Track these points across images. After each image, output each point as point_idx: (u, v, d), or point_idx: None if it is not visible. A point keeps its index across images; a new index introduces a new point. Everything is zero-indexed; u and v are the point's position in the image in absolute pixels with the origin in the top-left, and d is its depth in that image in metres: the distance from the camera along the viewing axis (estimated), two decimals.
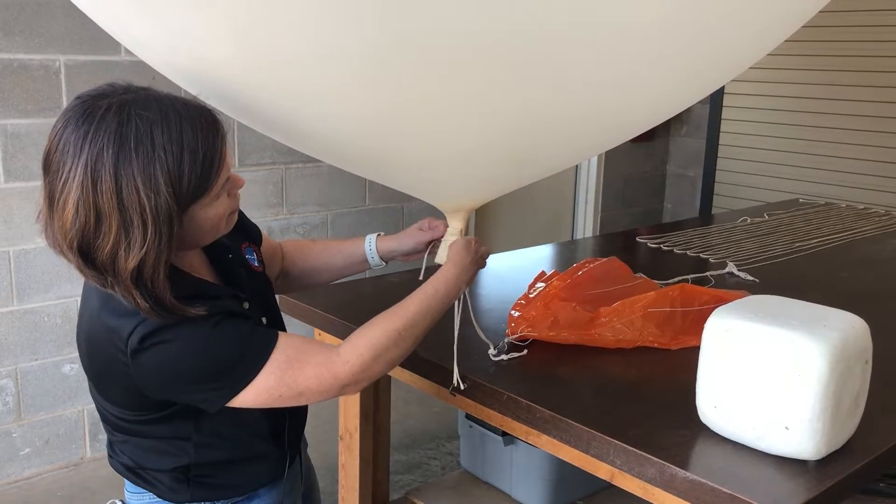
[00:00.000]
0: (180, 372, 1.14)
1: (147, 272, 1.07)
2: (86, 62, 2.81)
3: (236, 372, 1.16)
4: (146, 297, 1.08)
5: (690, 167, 5.03)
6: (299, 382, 1.19)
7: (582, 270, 1.83)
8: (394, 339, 1.26)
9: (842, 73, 4.21)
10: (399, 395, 2.13)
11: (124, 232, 1.05)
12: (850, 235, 2.87)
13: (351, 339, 1.25)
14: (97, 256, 1.07)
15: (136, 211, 1.05)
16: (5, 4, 2.63)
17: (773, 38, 1.37)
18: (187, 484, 1.26)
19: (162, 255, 1.08)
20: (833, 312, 1.31)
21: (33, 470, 2.92)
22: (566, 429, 1.37)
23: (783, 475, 1.23)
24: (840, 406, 1.24)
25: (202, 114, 1.12)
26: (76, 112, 1.07)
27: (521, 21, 0.98)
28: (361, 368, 1.23)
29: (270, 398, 1.19)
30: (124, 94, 1.09)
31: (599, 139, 1.46)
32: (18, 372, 2.85)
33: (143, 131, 1.05)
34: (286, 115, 1.26)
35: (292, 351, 1.19)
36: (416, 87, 1.10)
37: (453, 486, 2.19)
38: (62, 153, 1.06)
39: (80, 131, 1.05)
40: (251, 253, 1.39)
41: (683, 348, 1.67)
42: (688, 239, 2.73)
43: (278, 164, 3.38)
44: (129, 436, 1.25)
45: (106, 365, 1.18)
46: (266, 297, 1.39)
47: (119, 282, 1.08)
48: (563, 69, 1.10)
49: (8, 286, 2.79)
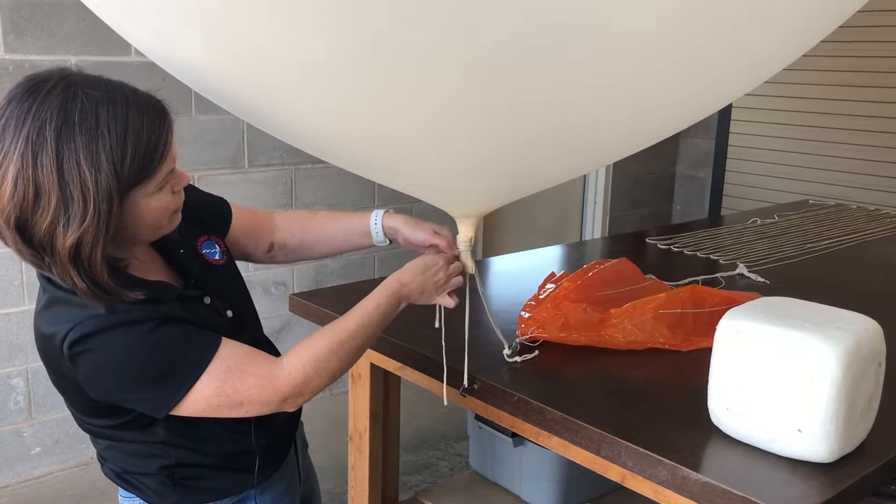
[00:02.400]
0: (114, 377, 1.12)
1: (84, 251, 1.05)
2: (97, 63, 2.82)
3: (174, 378, 1.14)
4: (83, 278, 1.06)
5: (700, 168, 5.02)
6: (239, 392, 1.16)
7: (592, 272, 1.83)
8: (336, 351, 1.24)
9: (852, 74, 4.19)
10: (408, 396, 2.12)
11: (63, 208, 1.03)
12: (862, 237, 2.85)
13: (294, 352, 1.23)
14: (35, 233, 1.05)
15: (77, 186, 1.03)
16: (17, 5, 2.64)
17: (769, 67, 1.34)
18: (173, 487, 1.25)
19: (100, 233, 1.05)
20: (846, 314, 1.30)
21: (44, 469, 2.93)
22: (577, 430, 1.36)
23: (795, 478, 1.22)
24: (853, 408, 1.23)
25: (150, 100, 1.11)
26: (21, 88, 1.06)
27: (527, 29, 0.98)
28: (304, 381, 1.21)
29: (209, 407, 1.16)
30: (73, 75, 1.08)
31: (609, 151, 1.46)
32: (29, 371, 2.86)
33: (88, 109, 1.04)
34: (291, 121, 1.26)
35: (233, 361, 1.17)
36: (416, 91, 1.09)
37: (462, 486, 2.19)
38: (4, 128, 1.04)
39: (24, 105, 1.03)
40: (211, 246, 1.35)
41: (695, 350, 1.66)
42: (698, 240, 2.72)
43: (287, 165, 3.39)
44: (111, 441, 1.24)
45: (57, 373, 1.18)
46: (231, 289, 1.35)
47: (56, 261, 1.06)
48: (569, 81, 1.09)
49: (19, 286, 2.80)
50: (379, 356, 1.76)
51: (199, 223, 1.34)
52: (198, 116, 3.06)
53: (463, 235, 1.47)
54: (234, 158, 3.23)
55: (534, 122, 1.18)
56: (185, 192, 1.23)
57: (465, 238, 1.47)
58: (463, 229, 1.47)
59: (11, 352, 2.81)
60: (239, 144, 3.24)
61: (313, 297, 1.95)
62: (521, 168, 1.37)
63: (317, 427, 1.47)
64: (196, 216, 1.31)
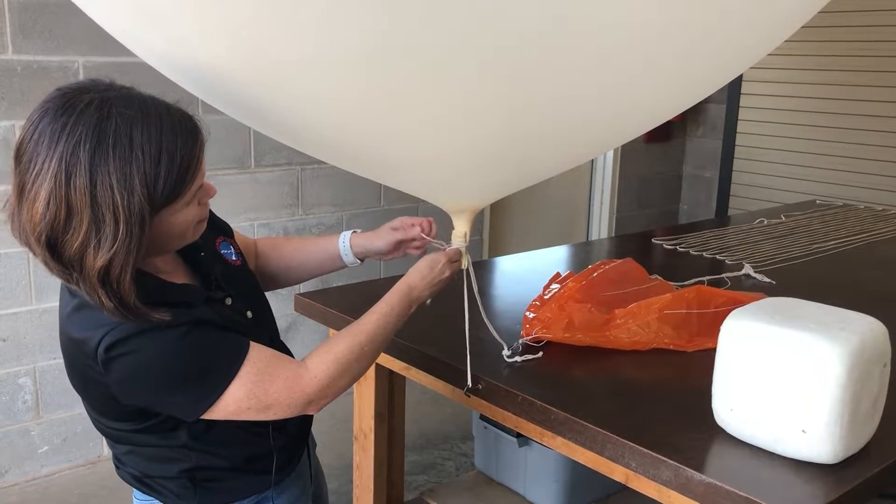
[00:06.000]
0: (150, 381, 1.12)
1: (114, 273, 1.05)
2: (104, 63, 2.83)
3: (208, 382, 1.14)
4: (111, 297, 1.06)
5: (707, 168, 5.01)
6: (269, 395, 1.17)
7: (597, 272, 1.83)
8: (357, 353, 1.26)
9: (859, 73, 4.17)
10: (413, 396, 2.13)
11: (95, 229, 1.03)
12: (869, 237, 2.84)
13: (318, 354, 1.24)
14: (64, 252, 1.05)
15: (109, 209, 1.03)
16: (25, 6, 2.66)
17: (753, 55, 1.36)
18: (194, 490, 1.26)
19: (130, 256, 1.05)
20: (851, 315, 1.30)
21: (51, 468, 2.94)
22: (581, 431, 1.36)
23: (800, 479, 1.22)
24: (858, 410, 1.23)
25: (183, 118, 1.11)
26: (55, 103, 1.05)
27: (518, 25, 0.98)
28: (328, 383, 1.22)
29: (239, 409, 1.17)
30: (106, 90, 1.07)
31: (602, 138, 1.46)
32: (37, 370, 2.87)
33: (122, 129, 1.03)
34: (290, 118, 1.27)
35: (263, 364, 1.18)
36: (413, 88, 1.10)
37: (468, 486, 2.20)
38: (37, 143, 1.03)
39: (58, 123, 1.03)
40: (227, 247, 1.36)
41: (699, 350, 1.66)
42: (704, 240, 2.71)
43: (294, 165, 3.40)
44: (131, 445, 1.24)
45: (83, 377, 1.17)
46: (249, 290, 1.36)
47: (85, 279, 1.06)
48: (558, 72, 1.10)
49: (27, 286, 2.81)
50: (384, 356, 1.76)
51: (215, 227, 1.35)
52: (204, 116, 3.05)
53: (458, 231, 1.48)
54: (240, 158, 3.24)
55: (535, 118, 1.19)
56: None
57: (460, 233, 1.47)
58: (458, 225, 1.48)
59: (19, 351, 2.83)
60: (245, 145, 3.24)
61: (319, 298, 1.95)
62: (521, 162, 1.37)
63: (322, 426, 1.48)
64: (211, 221, 1.32)
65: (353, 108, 1.17)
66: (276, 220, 3.37)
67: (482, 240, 4.21)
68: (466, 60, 1.04)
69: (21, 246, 1.09)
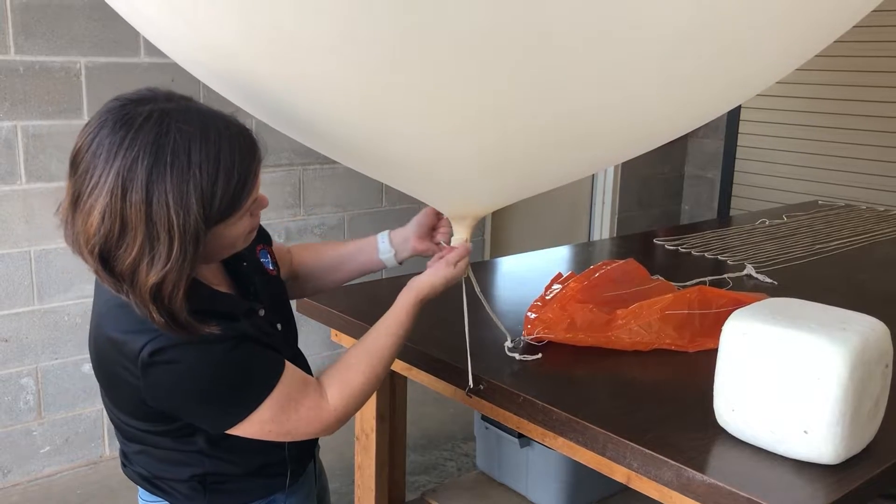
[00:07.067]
0: (188, 391, 1.12)
1: (166, 289, 1.05)
2: (106, 64, 2.84)
3: (241, 400, 1.15)
4: (161, 313, 1.06)
5: (708, 169, 5.00)
6: (290, 421, 1.19)
7: (599, 272, 1.83)
8: (374, 385, 1.30)
9: (862, 74, 4.17)
10: (415, 396, 2.13)
11: (149, 246, 1.03)
12: (871, 238, 2.84)
13: (338, 387, 1.25)
14: (117, 265, 1.05)
15: (164, 227, 1.02)
16: (27, 6, 2.66)
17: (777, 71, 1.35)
18: (203, 492, 1.26)
19: (184, 272, 1.05)
20: (853, 315, 1.30)
21: (53, 468, 2.94)
22: (582, 431, 1.36)
23: (802, 479, 1.22)
24: (860, 410, 1.23)
25: (241, 133, 1.10)
26: (114, 114, 1.04)
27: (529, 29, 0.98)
28: (346, 414, 1.26)
29: (260, 431, 1.18)
30: (166, 102, 1.06)
31: (609, 153, 1.45)
32: (39, 371, 2.88)
33: (180, 146, 1.03)
34: (299, 111, 1.26)
35: (292, 388, 1.18)
36: (422, 89, 1.09)
37: (469, 487, 2.20)
38: (94, 155, 1.03)
39: (116, 136, 1.02)
40: (266, 256, 1.37)
41: (701, 351, 1.66)
42: (706, 241, 2.71)
43: (296, 165, 3.40)
44: (144, 445, 1.24)
45: (113, 375, 1.17)
46: (281, 301, 1.37)
47: (136, 293, 1.06)
48: (570, 82, 1.09)
49: (29, 286, 2.82)
50: None
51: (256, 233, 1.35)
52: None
53: (459, 237, 1.47)
54: None
55: (545, 125, 1.19)
56: None
57: (460, 240, 1.47)
58: (459, 231, 1.47)
59: (21, 351, 2.83)
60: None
61: (321, 298, 1.95)
62: (528, 170, 1.37)
63: None
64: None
65: (362, 103, 1.16)
66: (277, 220, 3.37)
67: (484, 240, 4.21)
68: (485, 66, 1.03)
69: (74, 254, 1.09)
